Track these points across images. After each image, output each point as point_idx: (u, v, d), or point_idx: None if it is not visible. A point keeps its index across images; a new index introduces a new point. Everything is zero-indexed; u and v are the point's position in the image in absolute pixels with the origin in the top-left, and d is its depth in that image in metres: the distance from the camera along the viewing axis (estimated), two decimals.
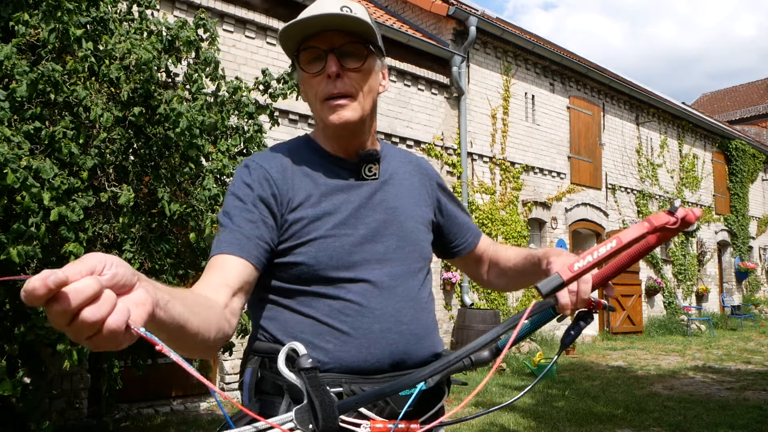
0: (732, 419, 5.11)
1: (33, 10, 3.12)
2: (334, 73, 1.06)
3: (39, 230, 2.74)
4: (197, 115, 3.35)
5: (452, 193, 1.33)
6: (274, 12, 7.07)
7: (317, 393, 0.88)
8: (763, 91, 27.00)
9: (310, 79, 1.10)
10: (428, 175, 1.27)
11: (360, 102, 1.10)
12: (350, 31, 1.07)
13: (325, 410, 0.87)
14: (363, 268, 1.07)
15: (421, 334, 1.11)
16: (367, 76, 1.11)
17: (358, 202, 1.12)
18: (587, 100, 11.90)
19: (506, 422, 5.05)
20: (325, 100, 1.09)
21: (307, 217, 1.08)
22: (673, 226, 0.90)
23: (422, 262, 1.17)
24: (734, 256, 16.41)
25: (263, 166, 1.11)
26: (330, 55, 1.06)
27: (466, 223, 1.32)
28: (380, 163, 1.17)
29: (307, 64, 1.10)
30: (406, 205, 1.17)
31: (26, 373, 3.40)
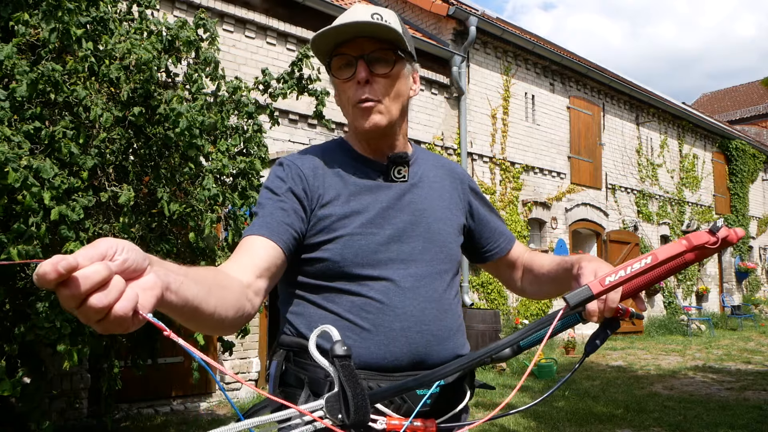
0: (732, 419, 5.11)
1: (33, 10, 3.12)
2: (364, 79, 1.10)
3: (39, 230, 2.74)
4: (197, 115, 3.35)
5: (485, 197, 1.34)
6: (274, 12, 7.07)
7: (350, 382, 0.85)
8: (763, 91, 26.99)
9: (342, 84, 1.14)
10: (460, 179, 1.29)
11: (387, 106, 1.13)
12: (380, 38, 1.10)
13: (358, 401, 0.83)
14: (387, 267, 1.09)
15: (444, 336, 1.11)
16: (396, 81, 1.14)
17: (386, 203, 1.14)
18: (587, 100, 11.90)
19: (506, 422, 5.05)
20: (356, 104, 1.12)
21: (336, 215, 1.11)
22: (713, 246, 0.89)
23: (449, 264, 1.18)
24: (734, 256, 16.42)
25: (296, 164, 1.16)
26: (360, 61, 1.10)
27: (498, 228, 1.32)
28: (411, 165, 1.20)
29: (338, 70, 1.14)
30: (435, 207, 1.19)
31: (26, 373, 3.40)
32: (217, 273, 0.93)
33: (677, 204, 14.28)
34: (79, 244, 2.90)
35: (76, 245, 2.88)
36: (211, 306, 0.83)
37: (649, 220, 13.25)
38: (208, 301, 0.82)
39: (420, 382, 0.93)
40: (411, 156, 1.21)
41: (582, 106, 11.71)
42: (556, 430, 4.83)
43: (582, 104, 11.73)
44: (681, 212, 14.38)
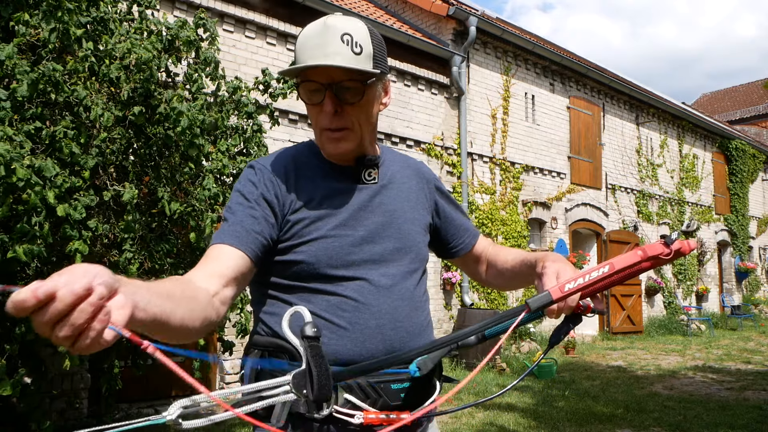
0: (732, 419, 5.11)
1: (33, 10, 3.12)
2: (331, 112, 1.09)
3: (42, 229, 2.74)
4: (197, 115, 3.35)
5: (450, 195, 1.38)
6: (274, 12, 7.07)
7: (316, 361, 0.89)
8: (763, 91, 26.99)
9: (311, 108, 1.14)
10: (426, 179, 1.32)
11: (357, 132, 1.14)
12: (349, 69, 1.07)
13: (321, 378, 0.89)
14: (361, 267, 1.12)
15: (416, 332, 1.15)
16: (366, 108, 1.14)
17: (358, 205, 1.17)
18: (587, 100, 11.90)
19: (506, 422, 5.05)
20: (324, 130, 1.13)
21: (309, 218, 1.13)
22: (666, 257, 0.94)
23: (418, 263, 1.22)
24: (734, 256, 16.42)
25: (268, 168, 1.16)
26: (327, 93, 1.08)
27: (463, 224, 1.37)
28: (379, 167, 1.22)
29: (307, 94, 1.12)
30: (404, 208, 1.22)
31: (26, 373, 3.40)
32: (185, 285, 0.95)
33: (677, 204, 14.28)
34: (83, 243, 2.90)
35: (81, 243, 2.88)
36: (177, 318, 0.86)
37: (649, 220, 13.25)
38: (175, 313, 0.85)
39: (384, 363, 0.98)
40: (380, 157, 1.23)
41: (582, 106, 11.72)
42: (556, 430, 4.83)
43: (582, 104, 11.73)
44: (681, 212, 14.38)
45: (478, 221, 9.29)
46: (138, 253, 3.33)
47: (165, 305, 0.82)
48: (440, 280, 8.69)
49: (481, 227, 9.33)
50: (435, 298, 8.59)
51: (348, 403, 1.04)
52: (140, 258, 3.34)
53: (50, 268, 3.25)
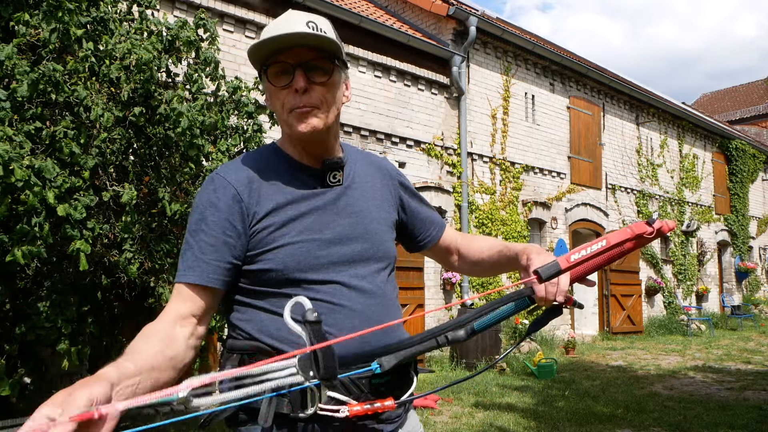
0: (732, 419, 5.11)
1: (33, 10, 3.12)
2: (302, 88, 1.11)
3: (42, 230, 2.74)
4: (197, 115, 3.35)
5: (413, 189, 1.39)
6: (274, 12, 7.07)
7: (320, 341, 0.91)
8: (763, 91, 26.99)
9: (278, 92, 1.14)
10: (390, 175, 1.33)
11: (325, 112, 1.15)
12: (317, 47, 1.11)
13: (327, 359, 0.91)
14: (331, 270, 1.14)
15: (390, 328, 1.16)
16: (333, 89, 1.16)
17: (324, 208, 1.17)
18: (587, 100, 11.90)
19: (506, 422, 5.05)
20: (292, 110, 1.13)
21: (274, 225, 1.13)
22: (649, 236, 1.04)
23: (386, 261, 1.23)
24: (734, 256, 16.42)
25: (229, 181, 1.15)
26: (298, 70, 1.11)
27: (428, 217, 1.38)
28: (344, 168, 1.23)
29: (275, 77, 1.13)
30: (369, 207, 1.23)
31: (26, 373, 3.40)
32: (165, 344, 1.02)
33: (677, 204, 14.28)
34: (85, 242, 2.90)
35: (83, 243, 2.88)
36: (161, 381, 0.99)
37: None
38: (158, 378, 0.98)
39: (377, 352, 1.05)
40: (343, 157, 1.24)
41: (582, 106, 11.72)
42: (556, 430, 4.83)
43: (582, 104, 11.73)
44: (681, 212, 14.38)
45: (478, 221, 9.29)
46: (138, 253, 3.33)
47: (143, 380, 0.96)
48: (440, 280, 8.69)
49: (481, 227, 9.34)
50: (435, 298, 8.60)
51: (332, 400, 1.06)
52: (140, 258, 3.34)
53: (50, 268, 3.25)
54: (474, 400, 5.92)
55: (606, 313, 11.67)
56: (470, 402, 5.86)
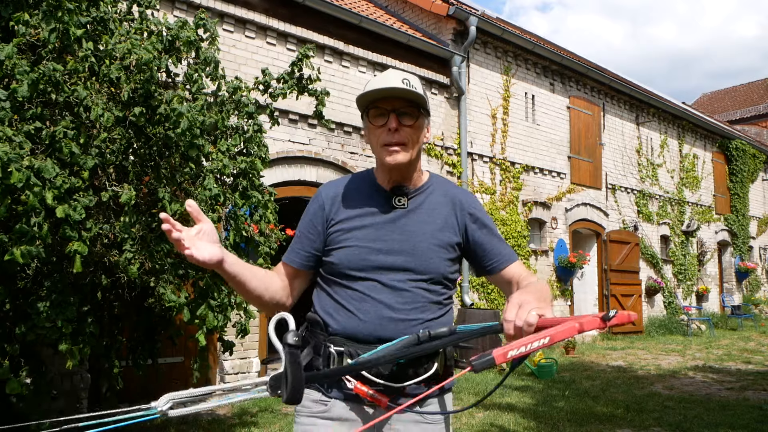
0: (732, 419, 5.11)
1: (33, 10, 3.12)
2: (394, 128, 1.44)
3: (41, 230, 2.74)
4: (197, 115, 3.35)
5: (485, 222, 1.58)
6: (274, 12, 7.07)
7: (293, 368, 1.13)
8: (763, 91, 26.99)
9: (375, 130, 1.48)
10: (461, 206, 1.57)
11: (410, 149, 1.47)
12: (408, 99, 1.45)
13: (295, 383, 1.13)
14: (374, 272, 1.46)
15: (411, 324, 1.43)
16: (418, 132, 1.49)
17: (383, 224, 1.50)
18: (587, 100, 11.90)
19: (506, 422, 5.05)
20: (384, 146, 1.46)
21: (344, 229, 1.50)
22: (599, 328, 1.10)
23: (429, 274, 1.49)
24: (734, 255, 16.41)
25: (321, 194, 1.58)
26: (392, 114, 1.45)
27: (494, 249, 1.57)
28: (417, 195, 1.54)
29: (374, 118, 1.48)
30: (425, 229, 1.50)
31: (26, 373, 3.40)
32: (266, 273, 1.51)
33: (677, 204, 14.28)
34: (82, 243, 2.90)
35: (80, 245, 2.88)
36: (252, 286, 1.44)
37: (649, 220, 13.25)
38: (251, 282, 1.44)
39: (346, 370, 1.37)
40: (421, 187, 1.56)
41: (582, 106, 11.72)
42: (556, 430, 4.83)
43: (582, 104, 11.73)
44: (681, 212, 14.38)
45: None
46: (138, 254, 3.32)
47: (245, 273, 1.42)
48: None
49: None
50: None
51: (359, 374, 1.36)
52: (140, 258, 3.34)
53: (50, 268, 3.25)
54: (474, 400, 5.92)
55: (606, 310, 11.64)
56: (470, 402, 5.86)
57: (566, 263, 10.48)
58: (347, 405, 1.43)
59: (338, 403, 1.43)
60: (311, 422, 1.44)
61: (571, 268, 10.55)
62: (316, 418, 1.44)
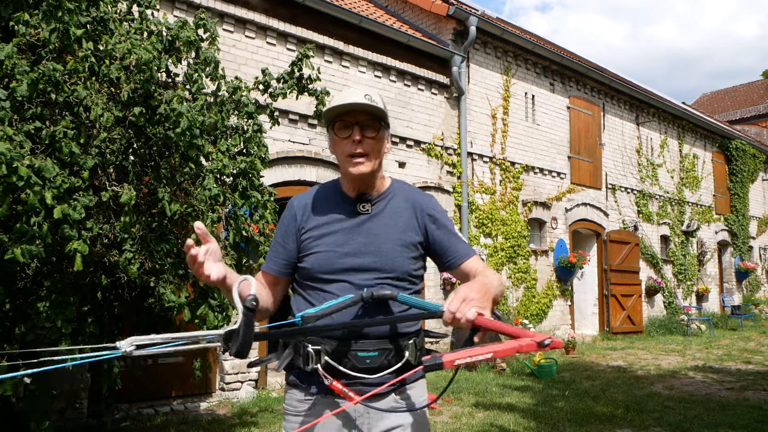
0: (732, 419, 5.11)
1: (33, 10, 3.12)
2: (358, 140, 1.58)
3: (41, 229, 2.74)
4: (197, 115, 3.35)
5: (443, 223, 1.70)
6: (274, 12, 7.07)
7: (245, 329, 1.28)
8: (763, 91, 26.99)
9: (340, 141, 1.60)
10: (420, 208, 1.69)
11: (372, 160, 1.61)
12: (369, 112, 1.58)
13: (244, 341, 1.29)
14: (344, 274, 1.58)
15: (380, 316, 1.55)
16: (379, 143, 1.63)
17: (349, 230, 1.62)
18: (587, 100, 11.90)
19: (506, 422, 5.05)
20: (348, 157, 1.59)
21: (314, 236, 1.63)
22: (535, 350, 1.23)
23: (395, 272, 1.61)
24: (734, 256, 16.41)
25: (294, 205, 1.71)
26: (356, 127, 1.58)
27: (451, 246, 1.69)
28: (379, 201, 1.66)
29: (339, 130, 1.60)
30: (389, 231, 1.63)
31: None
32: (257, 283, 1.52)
33: (677, 204, 14.28)
34: (82, 243, 2.90)
35: (80, 244, 2.88)
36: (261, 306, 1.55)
37: (649, 220, 13.25)
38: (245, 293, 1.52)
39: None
40: (384, 193, 1.68)
41: (582, 106, 11.72)
42: (556, 430, 4.83)
43: (582, 104, 11.73)
44: (681, 212, 14.38)
45: (478, 221, 9.29)
46: (138, 254, 3.32)
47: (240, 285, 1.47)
48: (440, 280, 8.69)
49: (481, 227, 9.34)
50: (435, 298, 8.59)
51: (328, 365, 1.49)
52: (140, 258, 3.34)
53: (49, 268, 3.25)
54: (474, 400, 5.92)
55: (606, 313, 11.67)
56: (470, 402, 5.86)
57: (566, 263, 10.48)
58: (327, 400, 1.54)
59: (319, 400, 1.55)
60: (297, 420, 1.57)
61: (571, 268, 10.55)
62: (301, 416, 1.57)
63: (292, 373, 1.60)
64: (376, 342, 1.51)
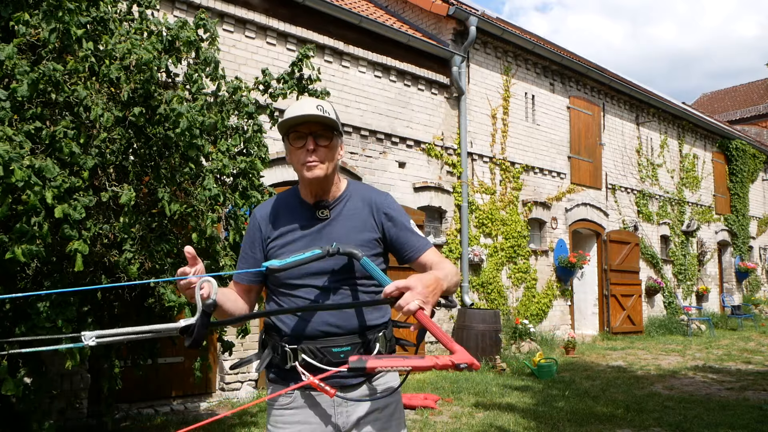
0: (732, 419, 5.11)
1: (33, 10, 3.12)
2: (312, 149, 1.67)
3: (42, 229, 2.74)
4: (197, 115, 3.35)
5: (398, 220, 1.79)
6: (274, 12, 7.07)
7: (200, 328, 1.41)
8: (763, 91, 26.99)
9: (295, 151, 1.70)
10: (377, 207, 1.78)
11: (326, 165, 1.69)
12: (322, 122, 1.67)
13: (198, 336, 1.42)
14: (310, 277, 1.67)
15: (349, 314, 1.66)
16: (332, 151, 1.71)
17: (310, 235, 1.72)
18: (587, 100, 11.90)
19: (506, 422, 5.05)
20: (304, 164, 1.68)
21: (279, 244, 1.73)
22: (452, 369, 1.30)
23: (357, 271, 1.69)
24: (734, 256, 16.41)
25: (256, 216, 1.81)
26: (309, 137, 1.67)
27: (407, 242, 1.78)
28: (336, 205, 1.76)
29: (294, 140, 1.69)
30: (348, 234, 1.71)
31: (26, 373, 3.40)
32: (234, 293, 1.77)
33: (677, 204, 14.28)
34: (83, 243, 2.90)
35: (80, 244, 2.88)
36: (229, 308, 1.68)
37: (649, 220, 13.25)
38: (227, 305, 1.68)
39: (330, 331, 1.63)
40: (340, 197, 1.77)
41: (582, 106, 11.72)
42: (556, 430, 4.83)
43: (582, 104, 11.73)
44: (681, 212, 14.38)
45: (478, 221, 9.29)
46: (138, 254, 3.33)
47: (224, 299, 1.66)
48: None
49: (481, 227, 9.34)
50: None
51: (304, 361, 1.61)
52: (140, 258, 3.34)
53: (50, 268, 3.25)
54: (474, 400, 5.92)
55: (606, 313, 11.67)
56: (470, 402, 5.86)
57: (566, 263, 10.48)
58: (306, 394, 1.67)
59: (299, 394, 1.67)
60: (279, 413, 1.69)
61: (571, 268, 10.55)
62: (283, 410, 1.69)
63: (272, 371, 1.71)
64: (348, 337, 1.63)
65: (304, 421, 1.66)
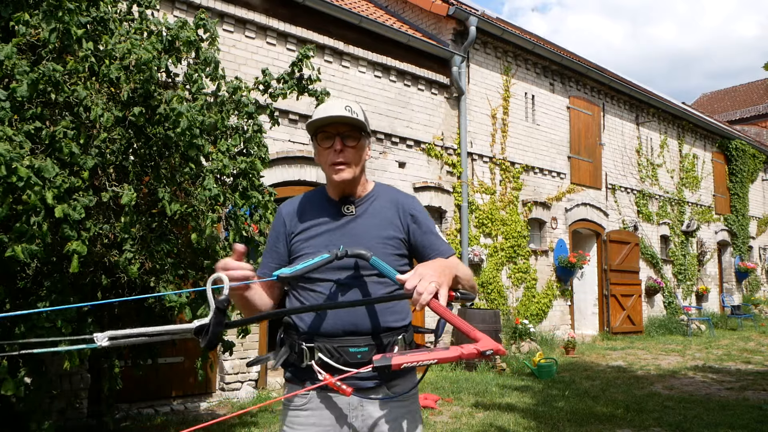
0: (732, 419, 5.11)
1: (33, 10, 3.12)
2: (339, 149, 1.68)
3: (41, 229, 2.74)
4: (197, 115, 3.35)
5: (423, 222, 1.79)
6: (274, 12, 7.07)
7: (215, 327, 1.37)
8: (763, 91, 26.99)
9: (323, 151, 1.72)
10: (403, 208, 1.79)
11: (353, 167, 1.71)
12: (350, 123, 1.68)
13: (212, 336, 1.37)
14: (331, 273, 1.65)
15: (367, 313, 1.63)
16: (360, 151, 1.72)
17: (335, 230, 1.72)
18: (587, 100, 11.90)
19: (506, 422, 5.05)
20: (331, 165, 1.69)
21: (301, 240, 1.74)
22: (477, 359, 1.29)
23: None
24: (734, 256, 16.41)
25: (282, 212, 1.82)
26: (337, 137, 1.68)
27: (431, 244, 1.78)
28: (362, 203, 1.76)
29: (322, 141, 1.71)
30: (372, 231, 1.71)
31: (26, 373, 3.40)
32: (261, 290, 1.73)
33: (677, 204, 14.28)
34: (81, 243, 2.90)
35: (79, 244, 2.88)
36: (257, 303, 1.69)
37: (649, 220, 13.25)
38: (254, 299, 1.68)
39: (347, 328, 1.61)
40: (367, 196, 1.78)
41: (582, 106, 11.72)
42: (556, 430, 4.83)
43: (582, 104, 11.73)
44: (681, 212, 14.39)
45: (478, 221, 9.29)
46: (138, 254, 3.32)
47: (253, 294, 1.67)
48: None
49: (481, 227, 9.34)
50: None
51: (321, 360, 1.59)
52: (141, 258, 3.34)
53: (50, 268, 3.25)
54: (474, 400, 5.92)
55: (606, 313, 11.67)
56: (470, 402, 5.86)
57: (566, 263, 10.49)
58: (322, 395, 1.64)
59: (315, 395, 1.64)
60: (295, 414, 1.66)
61: (571, 268, 10.56)
62: (299, 410, 1.66)
63: (288, 370, 1.69)
64: (366, 338, 1.61)
65: (320, 422, 1.63)
